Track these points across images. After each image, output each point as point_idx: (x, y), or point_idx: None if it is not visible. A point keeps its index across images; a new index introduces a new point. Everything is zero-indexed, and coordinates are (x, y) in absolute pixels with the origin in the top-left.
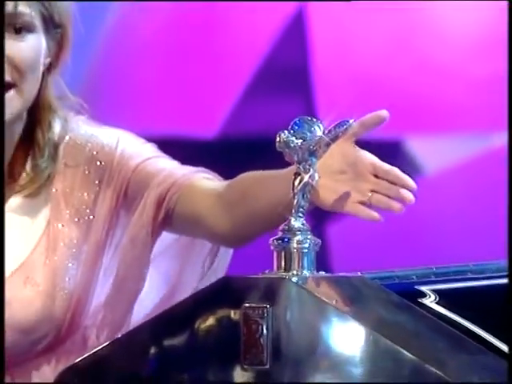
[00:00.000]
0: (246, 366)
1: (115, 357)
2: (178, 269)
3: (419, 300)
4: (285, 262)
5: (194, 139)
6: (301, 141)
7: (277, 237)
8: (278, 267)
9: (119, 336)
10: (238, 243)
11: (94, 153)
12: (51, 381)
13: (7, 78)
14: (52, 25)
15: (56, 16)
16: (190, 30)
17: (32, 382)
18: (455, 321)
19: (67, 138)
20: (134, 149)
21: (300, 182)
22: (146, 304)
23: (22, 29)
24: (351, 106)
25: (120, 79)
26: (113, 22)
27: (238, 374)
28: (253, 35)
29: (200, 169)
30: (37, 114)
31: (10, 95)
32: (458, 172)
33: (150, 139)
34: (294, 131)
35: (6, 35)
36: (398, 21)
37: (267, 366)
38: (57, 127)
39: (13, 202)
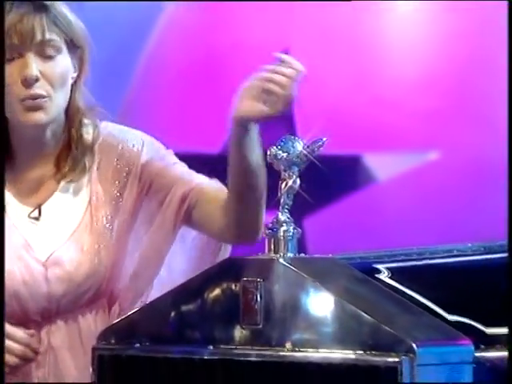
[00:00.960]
0: (244, 326)
1: (143, 320)
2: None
3: (376, 275)
4: (274, 246)
5: (202, 154)
6: (286, 154)
7: (268, 227)
8: (269, 250)
9: (146, 303)
10: (233, 242)
11: (124, 150)
12: (92, 327)
13: (41, 91)
14: (73, 46)
15: (75, 39)
16: (202, 68)
17: (79, 324)
18: (404, 291)
19: (101, 139)
20: (157, 152)
21: (285, 185)
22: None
23: (50, 52)
24: (323, 129)
25: (146, 102)
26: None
27: (238, 332)
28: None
29: (212, 180)
30: (70, 116)
31: (45, 103)
32: (402, 179)
33: None
34: (281, 147)
35: (39, 58)
36: (358, 65)
37: (260, 326)
38: (90, 129)
39: (60, 187)
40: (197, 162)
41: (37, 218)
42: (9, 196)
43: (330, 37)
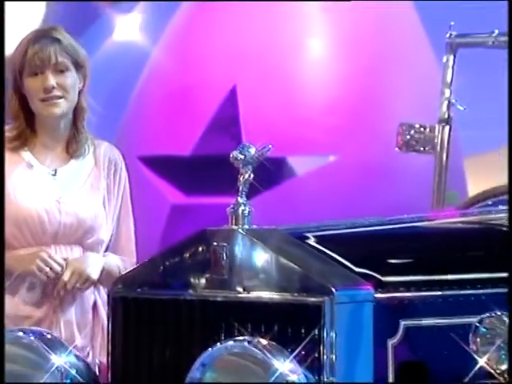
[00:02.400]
0: (214, 276)
1: (142, 272)
2: None
3: (305, 240)
4: (235, 220)
5: (176, 156)
6: (243, 156)
7: (230, 206)
8: (232, 223)
9: (145, 260)
10: None
11: (111, 153)
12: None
13: (58, 93)
14: (77, 64)
15: (79, 61)
16: (175, 95)
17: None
18: (325, 252)
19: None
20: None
21: (243, 178)
22: None
23: (61, 69)
24: (265, 140)
25: (139, 120)
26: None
27: (210, 281)
28: (216, 100)
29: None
30: (76, 113)
31: (61, 102)
32: (314, 174)
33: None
34: (240, 151)
35: (54, 73)
36: (286, 94)
37: (225, 277)
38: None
39: (70, 163)
40: (172, 162)
41: (54, 175)
42: (34, 162)
43: (267, 73)
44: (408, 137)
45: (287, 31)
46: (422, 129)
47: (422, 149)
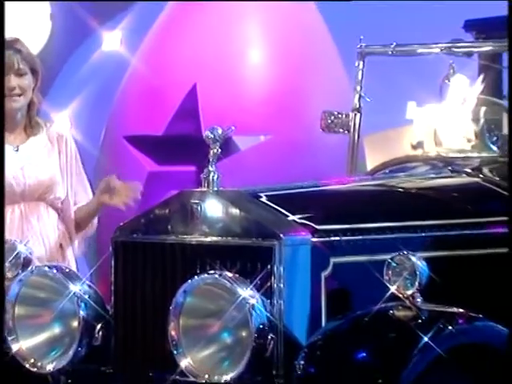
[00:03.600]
0: (190, 226)
1: (136, 222)
2: None
3: (259, 198)
4: (207, 184)
5: (151, 135)
6: (213, 135)
7: (203, 174)
8: (204, 186)
9: (139, 214)
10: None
11: (59, 130)
12: (46, 218)
13: (18, 91)
14: (32, 69)
15: (34, 65)
16: (148, 88)
17: (38, 214)
18: (273, 206)
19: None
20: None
21: (213, 153)
22: None
23: (22, 73)
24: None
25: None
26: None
27: (187, 228)
28: (180, 95)
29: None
30: (30, 105)
31: (20, 99)
32: (253, 149)
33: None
34: (210, 131)
35: (13, 76)
36: (236, 91)
37: (200, 226)
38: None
39: (28, 141)
40: (148, 140)
41: (17, 151)
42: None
43: (218, 74)
44: (329, 121)
45: (234, 42)
46: (339, 115)
47: (340, 130)
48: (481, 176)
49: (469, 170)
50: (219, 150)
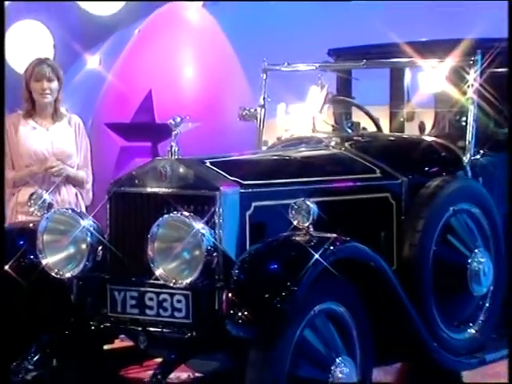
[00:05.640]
0: (163, 180)
1: (126, 179)
2: None
3: (205, 164)
4: (171, 154)
5: (122, 123)
6: (174, 122)
7: (169, 147)
8: (169, 155)
9: (127, 172)
10: None
11: (76, 120)
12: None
13: (48, 92)
14: (58, 77)
15: (59, 75)
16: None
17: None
18: (216, 169)
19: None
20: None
21: (175, 135)
22: None
23: (51, 80)
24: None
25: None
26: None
27: (160, 183)
28: (140, 97)
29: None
30: (55, 101)
31: (49, 96)
32: (190, 133)
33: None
34: (173, 119)
35: (45, 81)
36: (181, 93)
37: (166, 182)
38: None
39: (55, 125)
40: (121, 125)
41: (47, 131)
42: (35, 125)
43: (167, 83)
44: (244, 113)
45: (175, 61)
46: (251, 110)
47: (253, 120)
48: (342, 148)
49: (334, 145)
50: (179, 132)
